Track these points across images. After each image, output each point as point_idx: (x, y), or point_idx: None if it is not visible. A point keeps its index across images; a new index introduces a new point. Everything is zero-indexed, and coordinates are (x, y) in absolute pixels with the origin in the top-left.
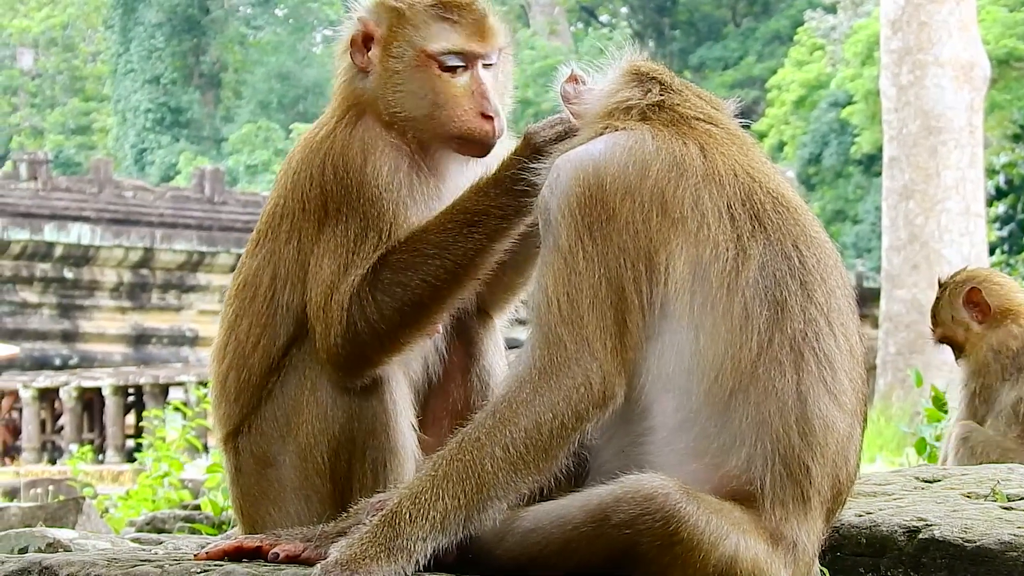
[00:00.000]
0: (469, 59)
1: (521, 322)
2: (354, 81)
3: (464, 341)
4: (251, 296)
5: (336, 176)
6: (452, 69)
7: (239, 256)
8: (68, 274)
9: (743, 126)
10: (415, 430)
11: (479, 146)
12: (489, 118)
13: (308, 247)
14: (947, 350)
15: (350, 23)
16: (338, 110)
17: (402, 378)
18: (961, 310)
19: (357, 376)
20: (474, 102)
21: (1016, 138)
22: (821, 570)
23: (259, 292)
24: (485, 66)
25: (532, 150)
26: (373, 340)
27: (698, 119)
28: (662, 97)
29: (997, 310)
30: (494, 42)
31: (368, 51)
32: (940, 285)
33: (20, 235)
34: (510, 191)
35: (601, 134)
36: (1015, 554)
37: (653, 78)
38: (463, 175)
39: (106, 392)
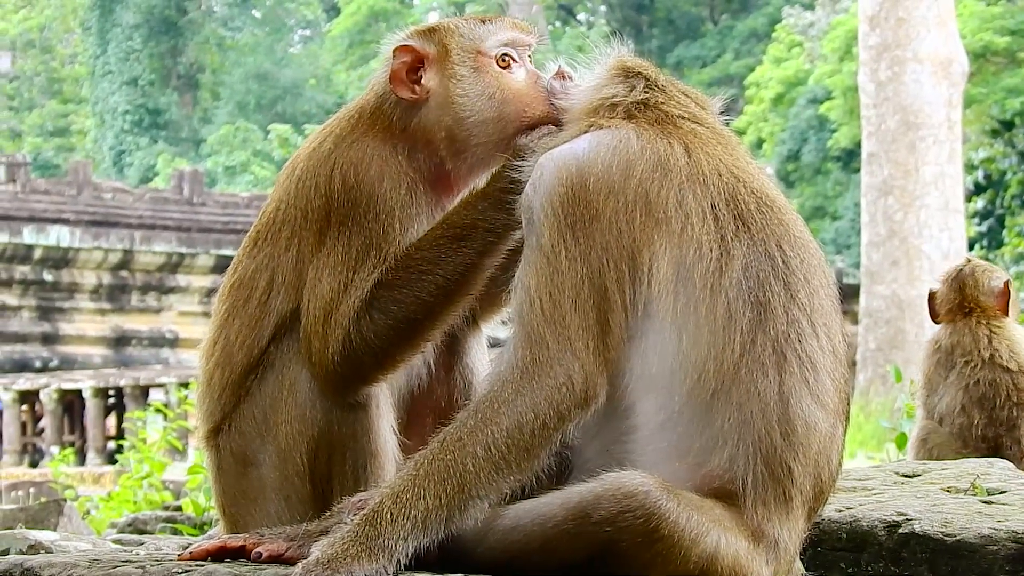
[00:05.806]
0: (519, 48)
1: (504, 321)
2: (404, 118)
3: (448, 340)
4: (245, 297)
5: (345, 187)
6: (507, 64)
7: (219, 257)
8: (47, 276)
9: (725, 123)
10: (396, 433)
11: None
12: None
13: (307, 256)
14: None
15: (384, 65)
16: (359, 126)
17: (384, 383)
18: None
19: (351, 394)
20: (537, 89)
21: (994, 133)
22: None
23: (253, 295)
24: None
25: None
26: (370, 359)
27: (683, 118)
28: (647, 95)
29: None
30: (533, 32)
31: (416, 83)
32: None
33: None
34: (499, 204)
35: (586, 132)
36: (994, 548)
37: (639, 74)
38: None
39: (87, 394)
